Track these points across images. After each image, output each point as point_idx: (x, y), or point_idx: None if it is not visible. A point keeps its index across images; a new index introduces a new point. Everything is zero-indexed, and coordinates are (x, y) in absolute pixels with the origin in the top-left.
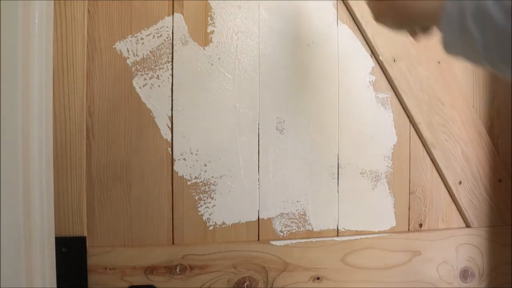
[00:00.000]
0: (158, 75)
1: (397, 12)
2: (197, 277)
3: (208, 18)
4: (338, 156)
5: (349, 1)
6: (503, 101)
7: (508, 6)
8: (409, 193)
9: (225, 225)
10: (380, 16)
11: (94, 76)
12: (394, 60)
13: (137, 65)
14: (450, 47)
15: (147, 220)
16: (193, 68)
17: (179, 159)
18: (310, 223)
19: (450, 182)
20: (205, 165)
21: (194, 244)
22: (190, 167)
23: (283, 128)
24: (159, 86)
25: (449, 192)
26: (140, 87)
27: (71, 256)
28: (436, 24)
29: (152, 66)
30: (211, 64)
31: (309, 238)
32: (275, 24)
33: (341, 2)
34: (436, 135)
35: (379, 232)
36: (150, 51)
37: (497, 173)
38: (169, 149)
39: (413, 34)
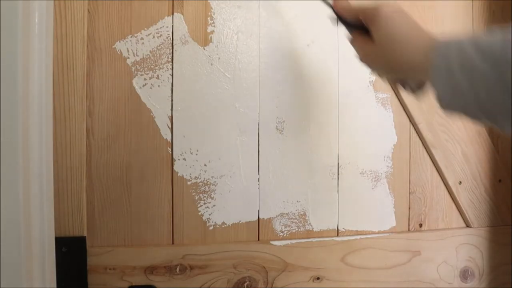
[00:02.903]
0: (158, 75)
1: (384, 59)
2: (197, 277)
3: (208, 18)
4: (338, 156)
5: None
6: None
7: (490, 53)
8: (409, 193)
9: (225, 225)
10: (366, 59)
11: (94, 76)
12: None
13: (137, 65)
14: (444, 103)
15: (147, 220)
16: (193, 68)
17: (179, 159)
18: (310, 223)
19: (450, 182)
20: (205, 165)
21: (194, 244)
22: (190, 167)
23: (283, 128)
24: (159, 86)
25: (449, 192)
26: (140, 87)
27: (71, 256)
28: (427, 79)
29: (152, 66)
30: (211, 64)
31: (309, 238)
32: (275, 24)
33: None
34: (436, 135)
35: (379, 232)
36: (150, 51)
37: (497, 173)
38: (169, 149)
39: (405, 86)
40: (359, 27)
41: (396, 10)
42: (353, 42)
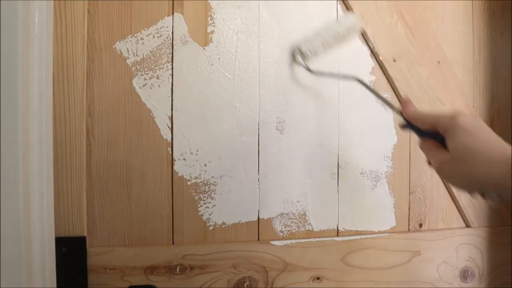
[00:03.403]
0: (158, 75)
1: (461, 171)
2: (197, 277)
3: (208, 18)
4: (338, 156)
5: (349, 1)
6: (503, 101)
7: None
8: (409, 193)
9: (225, 225)
10: (440, 169)
11: (94, 76)
12: (394, 60)
13: (137, 65)
14: None
15: (147, 220)
16: (193, 68)
17: (179, 159)
18: (310, 223)
19: None
20: (205, 165)
21: (194, 244)
22: (190, 167)
23: (283, 128)
24: (159, 86)
25: (449, 192)
26: (140, 87)
27: (71, 256)
28: (509, 193)
29: (152, 66)
30: (211, 64)
31: (309, 238)
32: (275, 24)
33: (341, 2)
34: None
35: (379, 232)
36: (150, 51)
37: None
38: (169, 149)
39: (485, 197)
40: (432, 134)
41: (474, 122)
42: (423, 147)
